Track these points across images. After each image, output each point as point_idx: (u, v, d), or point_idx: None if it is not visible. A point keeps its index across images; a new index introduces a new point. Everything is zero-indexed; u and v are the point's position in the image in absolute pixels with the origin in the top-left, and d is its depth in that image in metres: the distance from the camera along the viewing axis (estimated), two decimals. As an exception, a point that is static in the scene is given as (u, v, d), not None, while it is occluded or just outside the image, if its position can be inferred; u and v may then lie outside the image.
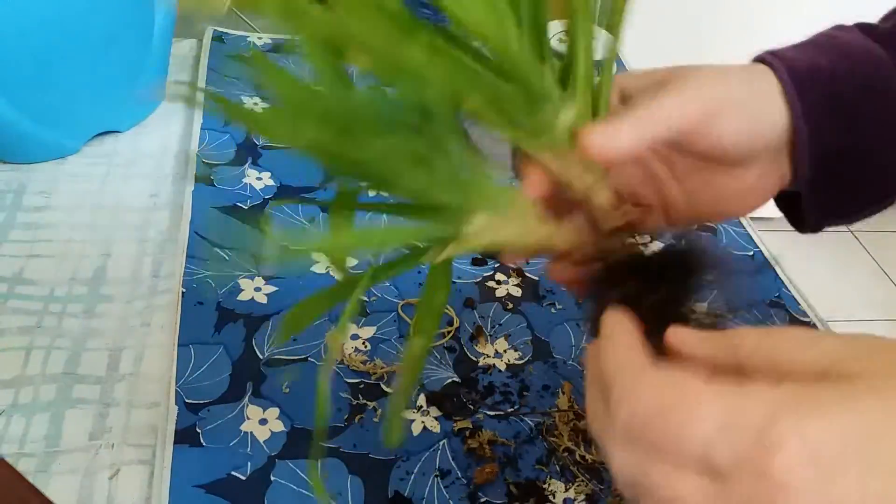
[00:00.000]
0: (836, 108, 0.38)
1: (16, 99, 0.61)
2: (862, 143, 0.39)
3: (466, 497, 0.48)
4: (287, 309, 0.57)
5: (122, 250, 0.61)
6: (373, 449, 0.50)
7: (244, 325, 0.56)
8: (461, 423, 0.52)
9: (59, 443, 0.48)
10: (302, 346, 0.55)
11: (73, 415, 0.50)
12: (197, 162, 0.68)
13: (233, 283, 0.59)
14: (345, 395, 0.53)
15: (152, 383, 0.52)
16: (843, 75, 0.39)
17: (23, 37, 0.58)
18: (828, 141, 0.38)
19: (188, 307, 0.56)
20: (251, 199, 0.66)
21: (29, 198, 0.64)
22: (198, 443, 0.48)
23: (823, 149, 0.38)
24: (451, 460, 0.50)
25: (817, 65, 0.39)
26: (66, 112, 0.66)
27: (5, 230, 0.61)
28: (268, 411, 0.51)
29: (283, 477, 0.47)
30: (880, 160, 0.40)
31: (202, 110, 0.74)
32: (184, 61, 0.83)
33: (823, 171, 0.39)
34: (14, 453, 0.47)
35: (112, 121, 0.71)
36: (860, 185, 0.41)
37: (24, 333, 0.54)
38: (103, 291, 0.58)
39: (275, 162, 0.70)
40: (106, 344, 0.54)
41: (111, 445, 0.48)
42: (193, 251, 0.60)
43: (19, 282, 0.57)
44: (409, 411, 0.52)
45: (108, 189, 0.66)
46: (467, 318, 0.59)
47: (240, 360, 0.54)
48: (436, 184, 0.32)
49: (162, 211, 0.65)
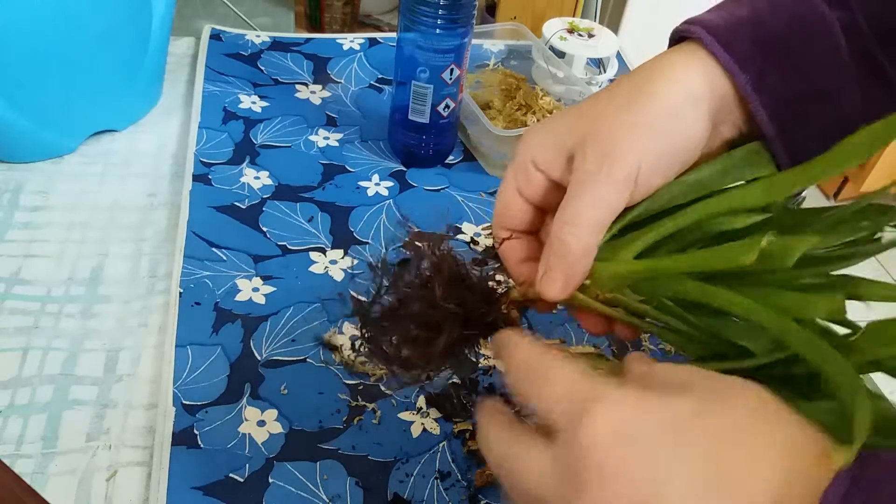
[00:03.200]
0: (769, 49, 0.38)
1: (13, 98, 0.61)
2: (812, 78, 0.39)
3: (467, 499, 0.48)
4: (285, 309, 0.57)
5: (120, 250, 0.61)
6: (372, 451, 0.49)
7: (242, 326, 0.56)
8: (461, 424, 0.51)
9: (56, 444, 0.48)
10: (300, 346, 0.55)
11: (71, 416, 0.49)
12: (194, 161, 0.68)
13: (230, 283, 0.58)
14: (344, 396, 0.52)
15: (150, 384, 0.52)
16: (767, 16, 0.39)
17: (20, 36, 0.58)
18: (775, 86, 0.38)
19: (186, 307, 0.56)
20: (249, 199, 0.66)
21: (26, 197, 0.64)
22: (196, 444, 0.48)
23: (773, 95, 0.38)
24: (451, 462, 0.50)
25: (737, 16, 0.39)
26: (63, 111, 0.65)
27: (2, 230, 0.61)
28: (266, 413, 0.51)
29: (281, 479, 0.47)
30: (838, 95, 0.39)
31: (200, 109, 0.74)
32: (181, 60, 0.82)
33: (783, 116, 0.39)
34: (11, 454, 0.47)
35: (109, 120, 0.71)
36: (825, 123, 0.40)
37: (21, 334, 0.53)
38: (101, 292, 0.57)
39: (272, 161, 0.70)
40: (103, 345, 0.54)
41: (108, 447, 0.48)
42: (191, 251, 0.60)
43: (16, 282, 0.57)
44: (409, 413, 0.52)
45: (105, 188, 0.66)
46: (467, 318, 0.59)
47: (238, 361, 0.53)
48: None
49: (159, 210, 0.65)
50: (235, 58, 0.82)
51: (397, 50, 0.66)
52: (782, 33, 0.38)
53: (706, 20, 0.39)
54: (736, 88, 0.38)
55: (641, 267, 0.37)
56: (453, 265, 0.38)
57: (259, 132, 0.73)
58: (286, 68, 0.82)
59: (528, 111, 0.76)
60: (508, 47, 0.85)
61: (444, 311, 0.37)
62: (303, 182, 0.69)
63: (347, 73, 0.83)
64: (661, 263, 0.36)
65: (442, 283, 0.37)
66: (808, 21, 0.39)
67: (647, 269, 0.36)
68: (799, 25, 0.39)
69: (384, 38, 0.88)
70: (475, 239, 0.66)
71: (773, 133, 0.39)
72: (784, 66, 0.38)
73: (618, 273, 0.37)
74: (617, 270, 0.37)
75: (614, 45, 0.84)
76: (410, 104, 0.68)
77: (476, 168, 0.74)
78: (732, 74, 0.38)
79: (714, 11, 0.40)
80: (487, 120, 0.70)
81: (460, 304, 0.37)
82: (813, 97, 0.39)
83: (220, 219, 0.63)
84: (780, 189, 0.36)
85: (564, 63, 0.81)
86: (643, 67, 0.39)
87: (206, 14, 1.89)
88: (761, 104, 0.38)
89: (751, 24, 0.38)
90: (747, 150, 0.39)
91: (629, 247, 0.37)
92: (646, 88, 0.38)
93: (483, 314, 0.39)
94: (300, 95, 0.79)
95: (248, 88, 0.78)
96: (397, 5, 1.15)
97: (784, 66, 0.38)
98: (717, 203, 0.37)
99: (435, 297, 0.37)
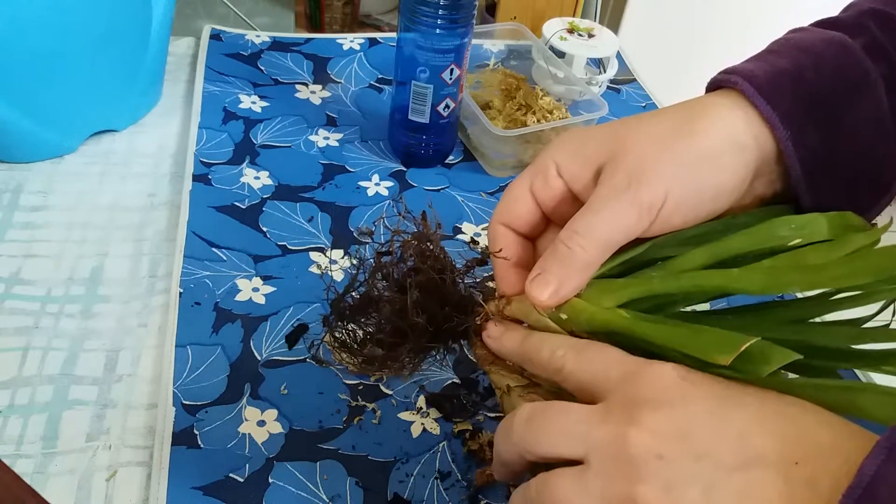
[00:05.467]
0: (811, 105, 0.37)
1: (13, 98, 0.61)
2: (850, 136, 0.38)
3: (467, 499, 0.48)
4: (285, 309, 0.57)
5: (120, 250, 0.61)
6: (372, 451, 0.49)
7: (242, 326, 0.55)
8: (461, 424, 0.51)
9: (56, 444, 0.48)
10: (300, 346, 0.55)
11: (71, 416, 0.49)
12: (194, 161, 0.68)
13: (230, 283, 0.58)
14: (344, 396, 0.52)
15: (150, 384, 0.52)
16: (809, 72, 0.38)
17: (20, 35, 0.58)
18: (813, 141, 0.37)
19: (186, 307, 0.56)
20: (249, 199, 0.66)
21: (26, 197, 0.64)
22: (196, 444, 0.48)
23: (811, 151, 0.37)
24: (452, 462, 0.50)
25: (779, 68, 0.38)
26: (63, 111, 0.65)
27: (2, 230, 0.61)
28: (266, 413, 0.50)
29: (281, 479, 0.47)
30: (872, 152, 0.39)
31: (200, 109, 0.74)
32: (181, 60, 0.82)
33: (815, 173, 0.38)
34: (11, 454, 0.47)
35: (109, 120, 0.71)
36: (856, 181, 0.39)
37: (21, 334, 0.53)
38: (101, 292, 0.57)
39: (272, 161, 0.70)
40: (103, 345, 0.54)
41: (109, 447, 0.48)
42: (191, 251, 0.60)
43: (16, 282, 0.57)
44: (409, 413, 0.52)
45: (105, 188, 0.66)
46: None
47: (238, 361, 0.53)
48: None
49: (159, 210, 0.65)
50: (235, 58, 0.82)
51: (397, 50, 0.66)
52: (825, 89, 0.37)
53: (746, 70, 0.38)
54: (777, 143, 0.37)
55: (621, 322, 0.35)
56: (434, 268, 0.37)
57: (259, 132, 0.73)
58: (286, 68, 0.82)
59: (528, 111, 0.76)
60: (508, 47, 0.85)
61: (412, 321, 0.36)
62: (303, 182, 0.69)
63: (347, 73, 0.83)
64: (640, 327, 0.35)
65: (418, 288, 0.36)
66: (851, 78, 0.38)
67: (626, 328, 0.35)
68: (842, 82, 0.37)
69: (384, 38, 0.88)
70: (475, 239, 0.66)
71: (805, 189, 0.38)
72: (824, 123, 0.37)
73: (595, 319, 0.36)
74: (595, 316, 0.36)
75: (614, 45, 0.84)
76: (410, 104, 0.68)
77: (476, 168, 0.74)
78: (773, 128, 0.36)
79: (753, 62, 0.39)
80: (487, 120, 0.70)
81: (430, 319, 0.36)
82: (850, 157, 0.38)
83: (220, 219, 0.63)
84: (782, 285, 0.35)
85: (564, 63, 0.81)
86: (684, 105, 0.38)
87: (206, 14, 1.89)
88: (798, 160, 0.37)
89: (792, 78, 0.37)
90: (774, 211, 0.38)
91: (614, 292, 0.36)
92: (687, 125, 0.37)
93: (455, 325, 0.38)
94: (300, 95, 0.79)
95: (248, 88, 0.78)
96: (397, 5, 1.15)
97: (824, 124, 0.37)
98: (713, 277, 0.36)
99: (406, 305, 0.36)
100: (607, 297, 0.36)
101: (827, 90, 0.37)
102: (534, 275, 0.37)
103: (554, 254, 0.36)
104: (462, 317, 0.38)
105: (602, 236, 0.35)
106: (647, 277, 0.37)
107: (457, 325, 0.38)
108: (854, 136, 0.38)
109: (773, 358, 0.31)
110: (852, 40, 0.39)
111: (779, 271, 0.35)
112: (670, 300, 0.37)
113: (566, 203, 0.39)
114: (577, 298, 0.37)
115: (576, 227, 0.36)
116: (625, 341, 0.35)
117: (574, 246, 0.36)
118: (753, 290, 0.35)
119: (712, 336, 0.33)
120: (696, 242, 0.37)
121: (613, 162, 0.36)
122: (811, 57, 0.38)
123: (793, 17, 0.42)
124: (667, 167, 0.35)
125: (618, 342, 0.35)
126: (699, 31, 1.61)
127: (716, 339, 0.32)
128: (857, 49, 0.38)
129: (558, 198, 0.39)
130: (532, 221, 0.40)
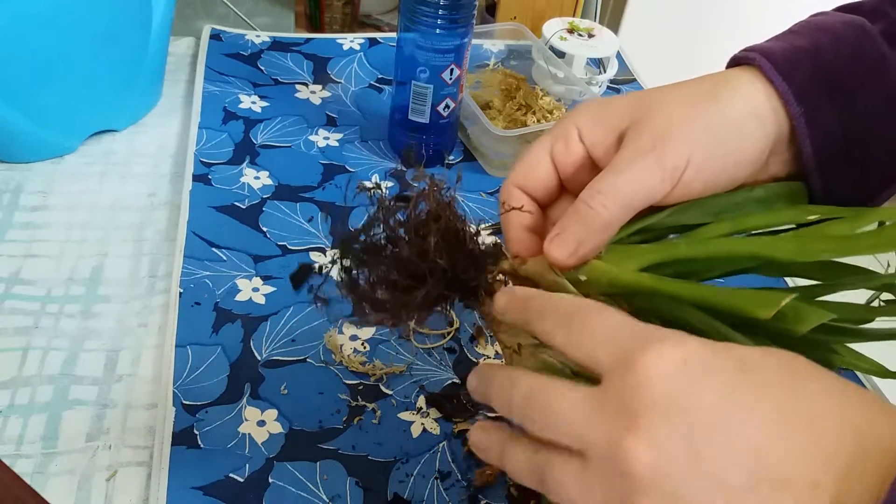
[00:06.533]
0: (826, 84, 0.37)
1: (13, 98, 0.61)
2: (864, 119, 0.38)
3: (467, 499, 0.48)
4: (285, 309, 0.57)
5: (120, 250, 0.61)
6: (372, 451, 0.49)
7: (242, 326, 0.55)
8: (461, 424, 0.51)
9: (56, 444, 0.48)
10: (300, 346, 0.55)
11: (71, 416, 0.49)
12: (194, 161, 0.68)
13: (230, 283, 0.58)
14: (344, 396, 0.52)
15: (150, 384, 0.52)
16: (827, 52, 0.38)
17: (20, 35, 0.58)
18: (827, 121, 0.37)
19: (186, 307, 0.56)
20: (249, 199, 0.66)
21: (26, 197, 0.64)
22: (196, 444, 0.48)
23: (824, 130, 0.37)
24: (451, 462, 0.50)
25: (798, 47, 0.38)
26: (63, 111, 0.65)
27: (2, 230, 0.61)
28: (266, 413, 0.50)
29: (281, 479, 0.47)
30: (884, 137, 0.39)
31: (200, 109, 0.74)
32: (181, 60, 0.82)
33: (826, 153, 0.38)
34: (11, 454, 0.47)
35: (109, 120, 0.71)
36: (867, 166, 0.39)
37: (21, 334, 0.53)
38: (101, 292, 0.57)
39: (272, 161, 0.70)
40: (103, 345, 0.54)
41: (109, 447, 0.48)
42: (191, 251, 0.60)
43: (16, 282, 0.57)
44: (409, 413, 0.52)
45: (105, 188, 0.66)
46: (467, 318, 0.59)
47: (238, 361, 0.53)
48: None
49: (159, 210, 0.65)
50: (235, 58, 0.82)
51: (397, 50, 0.66)
52: (842, 70, 0.38)
53: (765, 48, 0.38)
54: (791, 120, 0.37)
55: (647, 283, 0.34)
56: (452, 217, 0.36)
57: (259, 132, 0.73)
58: (286, 68, 0.82)
59: (528, 111, 0.76)
60: (508, 47, 0.85)
61: (433, 264, 0.35)
62: (303, 182, 0.69)
63: (347, 73, 0.83)
64: (670, 286, 0.34)
65: (438, 234, 0.35)
66: (869, 60, 0.38)
67: (653, 288, 0.34)
68: (860, 64, 0.38)
69: (384, 38, 0.88)
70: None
71: (813, 167, 0.38)
72: (839, 104, 0.37)
73: (619, 281, 0.35)
74: (619, 278, 0.35)
75: (614, 45, 0.84)
76: (410, 104, 0.68)
77: (476, 168, 0.74)
78: (787, 104, 0.37)
79: (774, 41, 0.39)
80: (487, 120, 0.70)
81: (451, 262, 0.35)
82: (862, 140, 0.38)
83: (220, 219, 0.63)
84: (814, 252, 0.34)
85: (564, 63, 0.81)
86: (706, 77, 0.39)
87: (206, 14, 1.89)
88: (809, 137, 0.37)
89: (810, 56, 0.38)
90: (790, 186, 0.39)
91: (636, 257, 0.36)
92: (712, 92, 0.37)
93: (469, 279, 0.36)
94: (300, 95, 0.79)
95: (248, 88, 0.78)
96: (397, 5, 1.15)
97: (839, 104, 0.37)
98: (744, 244, 0.36)
99: (427, 246, 0.35)
100: (629, 262, 0.36)
101: (844, 71, 0.38)
102: (553, 234, 0.36)
103: (575, 213, 0.36)
104: (477, 271, 0.37)
105: (625, 196, 0.35)
106: (672, 243, 0.37)
107: (471, 278, 0.37)
108: (868, 118, 0.38)
109: (808, 317, 0.30)
110: (871, 25, 0.39)
111: (810, 239, 0.35)
112: (691, 269, 0.36)
113: (585, 170, 0.39)
114: (598, 261, 0.36)
115: (598, 187, 0.35)
116: (646, 305, 0.34)
117: (596, 205, 0.35)
118: (784, 257, 0.35)
119: (749, 293, 0.32)
120: (715, 212, 0.37)
121: (638, 125, 0.36)
122: (830, 38, 0.38)
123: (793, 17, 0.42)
124: (693, 130, 0.36)
125: (637, 308, 0.34)
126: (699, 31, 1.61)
127: (754, 296, 0.32)
128: (876, 33, 0.38)
129: (578, 164, 0.39)
130: (548, 186, 0.39)
